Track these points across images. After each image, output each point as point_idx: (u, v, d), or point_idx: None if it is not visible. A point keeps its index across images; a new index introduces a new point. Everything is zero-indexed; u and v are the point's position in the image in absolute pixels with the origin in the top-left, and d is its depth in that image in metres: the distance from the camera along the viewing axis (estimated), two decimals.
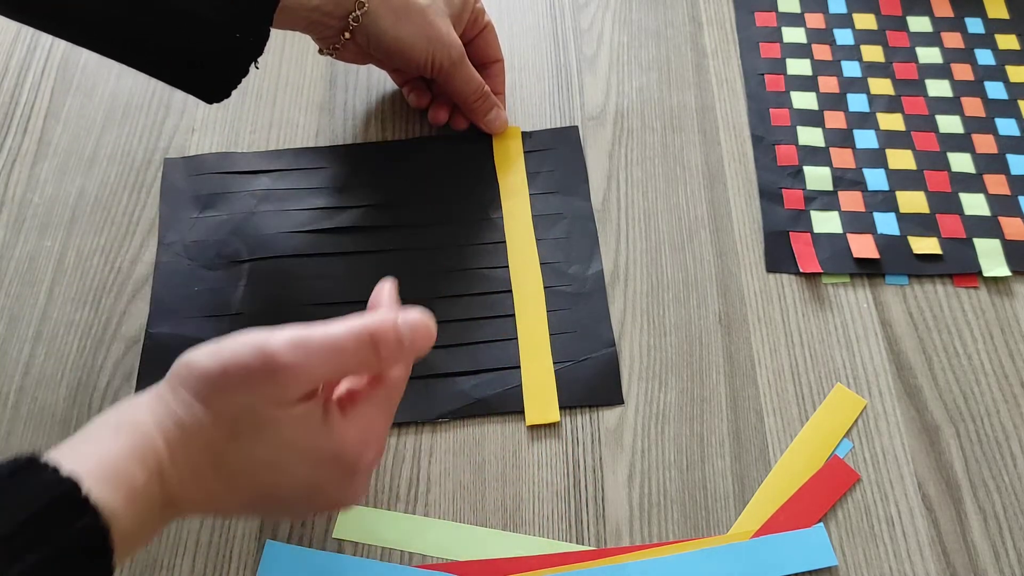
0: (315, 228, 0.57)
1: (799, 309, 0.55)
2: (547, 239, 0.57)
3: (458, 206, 0.59)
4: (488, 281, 0.55)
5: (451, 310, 0.54)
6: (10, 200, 0.59)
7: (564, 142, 0.61)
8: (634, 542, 0.47)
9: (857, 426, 0.51)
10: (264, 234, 0.57)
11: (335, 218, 0.57)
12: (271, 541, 0.47)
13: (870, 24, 0.68)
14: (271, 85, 0.65)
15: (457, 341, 0.53)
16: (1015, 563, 0.46)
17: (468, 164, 0.60)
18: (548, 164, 0.60)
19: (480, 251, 0.57)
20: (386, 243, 0.57)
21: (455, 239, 0.57)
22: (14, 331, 0.53)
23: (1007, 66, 0.66)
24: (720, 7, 0.69)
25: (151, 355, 0.53)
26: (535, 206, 0.59)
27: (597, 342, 0.53)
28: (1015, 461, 0.50)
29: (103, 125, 0.62)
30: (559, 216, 0.58)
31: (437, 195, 0.59)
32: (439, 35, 0.56)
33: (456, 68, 0.57)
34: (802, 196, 0.59)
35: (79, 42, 0.50)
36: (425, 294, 0.54)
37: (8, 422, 0.50)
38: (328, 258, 0.56)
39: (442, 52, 0.56)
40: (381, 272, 0.55)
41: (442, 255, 0.56)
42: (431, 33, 0.55)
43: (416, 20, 0.55)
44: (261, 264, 0.56)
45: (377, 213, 0.58)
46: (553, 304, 0.55)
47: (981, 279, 0.56)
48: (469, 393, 0.51)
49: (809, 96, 0.64)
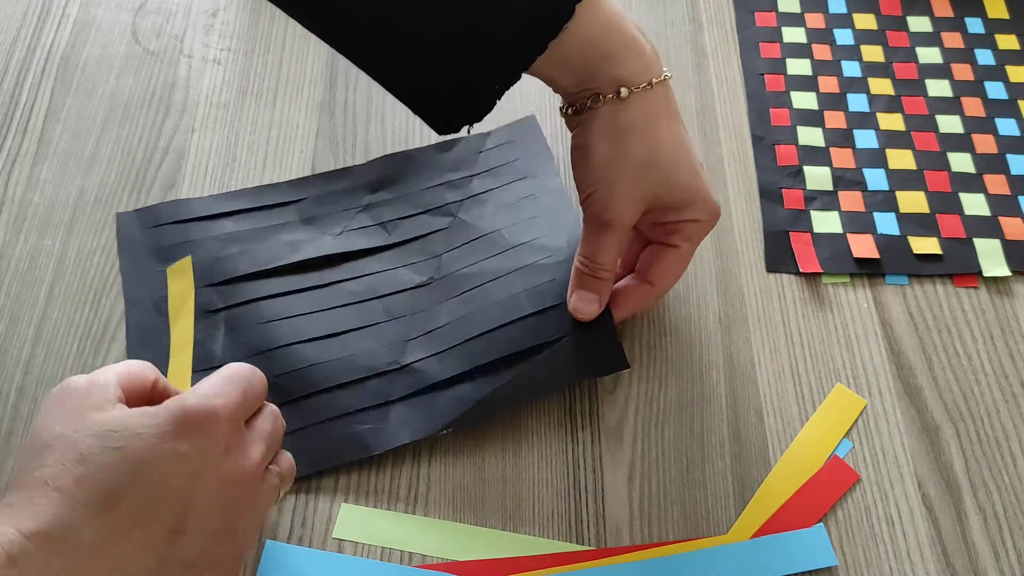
0: (286, 264, 0.55)
1: (799, 309, 0.55)
2: (520, 222, 0.56)
3: (424, 219, 0.57)
4: (466, 279, 0.54)
5: (437, 317, 0.53)
6: (10, 200, 0.59)
7: (522, 131, 0.61)
8: (634, 542, 0.47)
9: (857, 426, 0.51)
10: (234, 279, 0.54)
11: (304, 251, 0.56)
12: (271, 541, 0.47)
13: (870, 24, 0.68)
14: (271, 85, 0.65)
15: (445, 346, 0.52)
16: (1015, 563, 0.46)
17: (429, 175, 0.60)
18: (511, 155, 0.60)
19: (455, 256, 0.56)
20: (359, 270, 0.55)
21: (425, 253, 0.56)
22: (14, 331, 0.53)
23: (1007, 66, 0.66)
24: (720, 7, 0.69)
25: None
26: (505, 196, 0.58)
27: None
28: (1015, 461, 0.50)
29: (103, 125, 0.62)
30: (531, 197, 0.57)
31: (404, 210, 0.58)
32: (614, 185, 0.47)
33: (597, 227, 0.48)
34: (802, 196, 0.59)
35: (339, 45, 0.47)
36: (405, 310, 0.53)
37: (8, 422, 0.50)
38: (305, 293, 0.54)
39: (599, 200, 0.48)
40: (359, 300, 0.54)
41: (416, 271, 0.55)
42: (610, 177, 0.47)
43: (615, 151, 0.47)
44: (236, 311, 0.53)
45: (346, 239, 0.56)
46: (534, 279, 0.53)
47: (981, 279, 0.56)
48: (469, 396, 0.50)
49: (809, 96, 0.64)
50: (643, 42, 0.47)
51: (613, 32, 0.46)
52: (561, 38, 0.44)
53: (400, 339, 0.52)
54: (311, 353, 0.52)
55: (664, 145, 0.47)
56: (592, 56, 0.46)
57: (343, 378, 0.51)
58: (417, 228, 0.57)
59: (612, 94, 0.46)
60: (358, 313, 0.53)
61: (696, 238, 0.50)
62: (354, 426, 0.49)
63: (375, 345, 0.52)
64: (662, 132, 0.47)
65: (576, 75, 0.46)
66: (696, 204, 0.49)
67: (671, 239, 0.50)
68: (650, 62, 0.47)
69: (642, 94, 0.46)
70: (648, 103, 0.47)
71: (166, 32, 0.67)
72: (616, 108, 0.46)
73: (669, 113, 0.48)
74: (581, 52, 0.46)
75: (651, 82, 0.47)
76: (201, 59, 0.66)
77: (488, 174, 0.59)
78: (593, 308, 0.50)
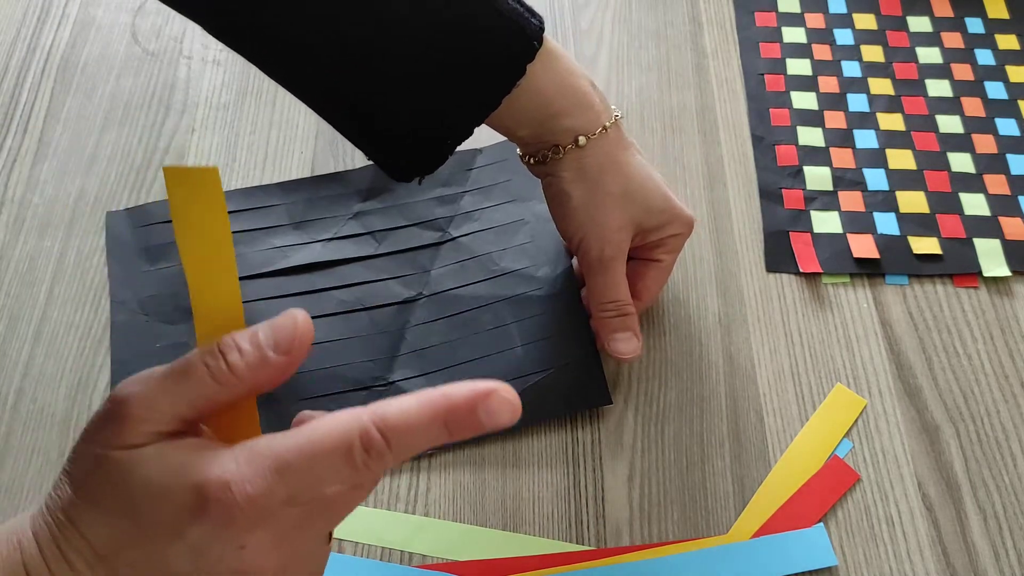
0: (274, 269, 0.55)
1: (799, 309, 0.55)
2: (511, 247, 0.56)
3: (416, 230, 0.57)
4: (456, 301, 0.54)
5: (427, 337, 0.53)
6: (10, 200, 0.59)
7: (514, 151, 0.60)
8: (634, 542, 0.47)
9: (857, 426, 0.51)
10: None
11: (293, 256, 0.56)
12: None
13: (870, 24, 0.68)
14: (271, 85, 0.65)
15: (434, 368, 0.51)
16: (1015, 563, 0.46)
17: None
18: (503, 175, 0.59)
19: (445, 274, 0.55)
20: (348, 277, 0.55)
21: (414, 267, 0.56)
22: (14, 331, 0.53)
23: (1007, 66, 0.66)
24: (720, 7, 0.69)
25: None
26: (496, 216, 0.58)
27: (576, 343, 0.52)
28: (1015, 461, 0.50)
29: (103, 125, 0.62)
30: (521, 223, 0.57)
31: (395, 221, 0.58)
32: (602, 223, 0.49)
33: (601, 268, 0.49)
34: (802, 196, 0.59)
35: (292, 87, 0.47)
36: (393, 325, 0.53)
37: (8, 422, 0.50)
38: (293, 299, 0.54)
39: (593, 242, 0.49)
40: (347, 309, 0.54)
41: (404, 285, 0.55)
42: (596, 216, 0.49)
43: (592, 191, 0.49)
44: None
45: (336, 247, 0.56)
46: (524, 312, 0.53)
47: (981, 279, 0.56)
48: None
49: (809, 96, 0.64)
50: (593, 95, 0.49)
51: (567, 90, 0.48)
52: (514, 95, 0.46)
53: (387, 355, 0.52)
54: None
55: (634, 177, 0.50)
56: (545, 114, 0.48)
57: (328, 389, 0.50)
58: (407, 240, 0.57)
59: (571, 144, 0.48)
60: (345, 323, 0.53)
61: (677, 250, 0.52)
62: None
63: (361, 358, 0.52)
64: (627, 167, 0.50)
65: (532, 129, 0.48)
66: (674, 222, 0.51)
67: (654, 254, 0.52)
68: (600, 113, 0.49)
69: (598, 139, 0.49)
70: (606, 144, 0.49)
71: (166, 33, 0.67)
72: (578, 155, 0.49)
73: (626, 147, 0.50)
74: (536, 109, 0.47)
75: (604, 127, 0.49)
76: (201, 60, 0.66)
77: (479, 192, 0.59)
78: (634, 344, 0.50)
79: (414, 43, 0.43)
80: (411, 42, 0.43)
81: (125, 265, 0.56)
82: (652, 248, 0.51)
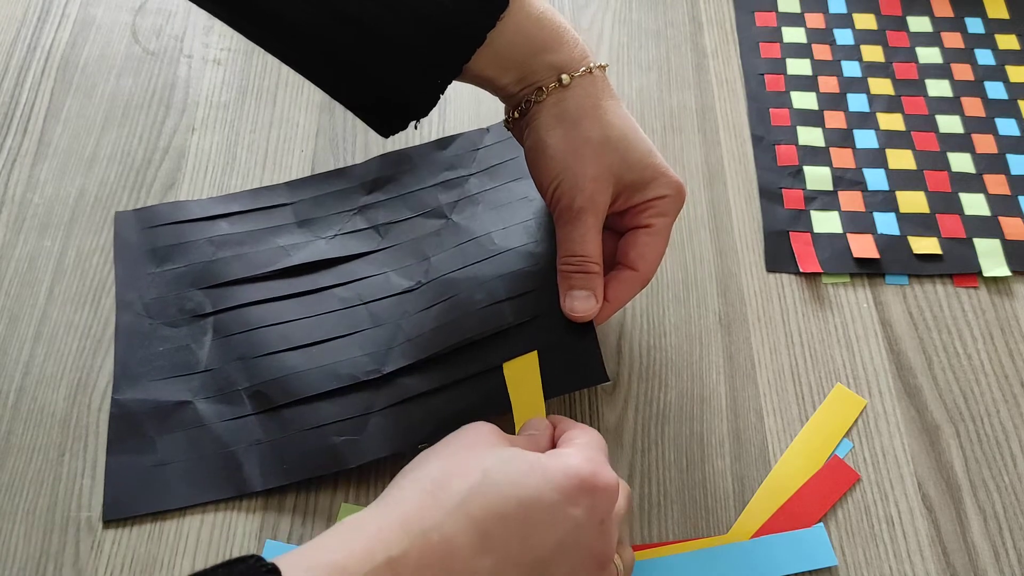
0: (278, 269, 0.55)
1: (799, 309, 0.55)
2: (512, 225, 0.55)
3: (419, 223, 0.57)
4: (452, 284, 0.53)
5: (422, 324, 0.52)
6: (10, 200, 0.59)
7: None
8: (634, 542, 0.47)
9: (857, 426, 0.51)
10: (226, 283, 0.54)
11: (296, 255, 0.55)
12: (271, 540, 0.47)
13: (870, 24, 0.68)
14: (271, 84, 0.65)
15: (425, 355, 0.50)
16: (1015, 563, 0.46)
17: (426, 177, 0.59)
18: (508, 152, 0.59)
19: (445, 259, 0.55)
20: (350, 274, 0.55)
21: (416, 256, 0.55)
22: (14, 331, 0.53)
23: (1007, 66, 0.66)
24: (720, 7, 0.69)
25: (119, 423, 0.50)
26: (499, 196, 0.57)
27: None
28: (1015, 461, 0.50)
29: (103, 125, 0.62)
30: (525, 200, 0.56)
31: (399, 213, 0.57)
32: (576, 170, 0.46)
33: (572, 218, 0.47)
34: (802, 196, 0.59)
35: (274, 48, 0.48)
36: (391, 317, 0.52)
37: (8, 422, 0.50)
38: (295, 299, 0.54)
39: (565, 190, 0.47)
40: (346, 306, 0.53)
41: (404, 276, 0.54)
42: (572, 163, 0.46)
43: (569, 137, 0.46)
44: (226, 316, 0.53)
45: (339, 243, 0.56)
46: (519, 288, 0.51)
47: (981, 279, 0.56)
48: (445, 409, 0.48)
49: (809, 96, 0.64)
50: (574, 33, 0.48)
51: (546, 23, 0.46)
52: (498, 29, 0.45)
53: (383, 346, 0.51)
54: (295, 361, 0.51)
55: (615, 125, 0.47)
56: (528, 50, 0.46)
57: (324, 387, 0.50)
58: (410, 231, 0.57)
59: (554, 83, 0.46)
60: (344, 320, 0.53)
61: (667, 214, 0.49)
62: (330, 438, 0.48)
63: (358, 353, 0.51)
64: (610, 114, 0.47)
65: (516, 71, 0.47)
66: (659, 180, 0.48)
67: (642, 219, 0.48)
68: (584, 50, 0.48)
69: (582, 79, 0.47)
70: (590, 87, 0.47)
71: (166, 32, 0.67)
72: (560, 96, 0.47)
73: (611, 96, 0.48)
74: (518, 45, 0.46)
75: (590, 68, 0.47)
76: (201, 59, 0.66)
77: (484, 173, 0.59)
78: (590, 304, 0.47)
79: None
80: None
81: (130, 266, 0.55)
82: (639, 211, 0.48)
